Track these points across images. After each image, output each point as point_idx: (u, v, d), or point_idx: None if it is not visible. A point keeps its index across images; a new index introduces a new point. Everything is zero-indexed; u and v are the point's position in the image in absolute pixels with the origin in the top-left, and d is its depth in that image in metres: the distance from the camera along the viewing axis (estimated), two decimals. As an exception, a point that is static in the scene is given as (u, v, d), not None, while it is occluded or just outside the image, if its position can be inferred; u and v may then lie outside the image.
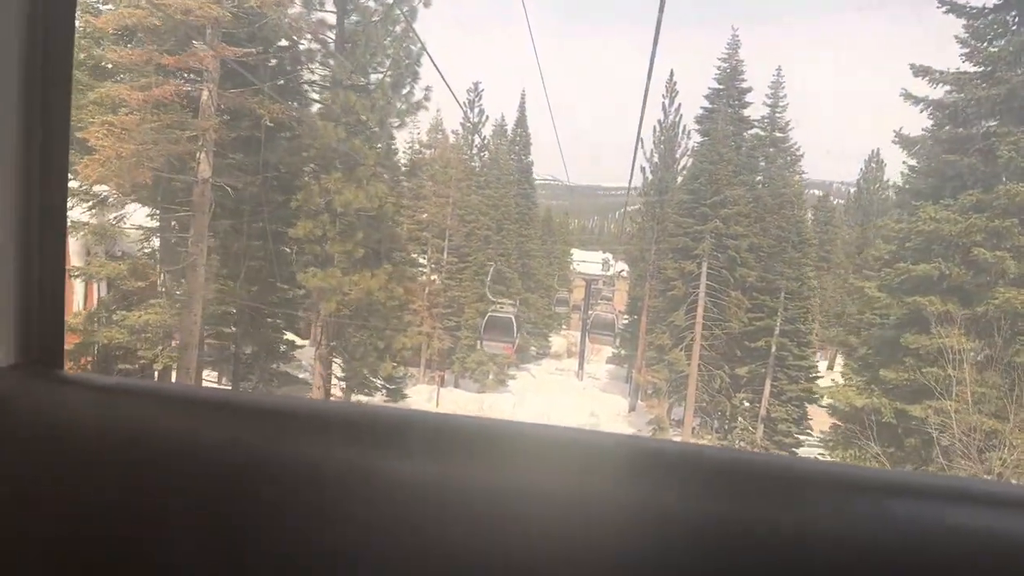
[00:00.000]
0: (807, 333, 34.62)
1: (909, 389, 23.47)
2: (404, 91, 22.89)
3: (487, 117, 52.14)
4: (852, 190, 64.38)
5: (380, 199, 21.59)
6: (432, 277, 44.76)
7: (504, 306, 30.16)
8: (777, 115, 37.56)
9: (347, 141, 20.36)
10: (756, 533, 0.80)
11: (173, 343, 19.26)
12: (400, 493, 0.93)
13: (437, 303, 44.19)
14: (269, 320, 24.22)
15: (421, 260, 44.91)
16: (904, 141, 26.14)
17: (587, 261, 65.95)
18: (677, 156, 46.68)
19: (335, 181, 20.02)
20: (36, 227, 1.25)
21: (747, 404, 35.41)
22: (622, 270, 61.60)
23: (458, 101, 46.87)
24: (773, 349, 34.44)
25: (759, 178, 37.39)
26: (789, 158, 37.77)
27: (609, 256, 62.87)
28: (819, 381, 36.03)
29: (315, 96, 22.72)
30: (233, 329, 24.08)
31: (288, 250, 21.65)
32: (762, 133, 37.59)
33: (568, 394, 48.06)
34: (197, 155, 18.55)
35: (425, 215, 43.64)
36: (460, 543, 0.89)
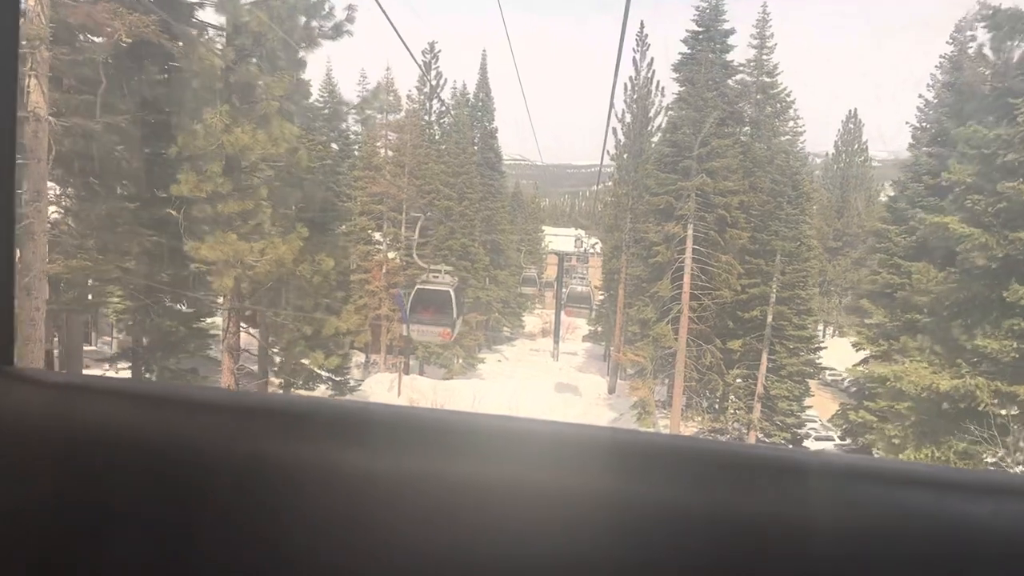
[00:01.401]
0: (807, 299, 29.83)
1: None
2: (323, 10, 17.66)
3: (445, 81, 46.89)
4: (830, 152, 59.92)
5: (288, 143, 16.31)
6: (390, 254, 39.58)
7: (440, 275, 23.54)
8: (764, 57, 32.54)
9: (240, 67, 15.25)
10: (722, 521, 0.79)
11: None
12: (370, 488, 0.90)
13: (396, 283, 39.04)
14: (171, 304, 19.11)
15: (377, 236, 39.78)
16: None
17: (560, 236, 61.39)
18: (651, 115, 41.93)
19: (222, 117, 14.90)
20: None
21: (740, 381, 30.62)
22: (595, 243, 57.05)
23: (411, 54, 41.61)
24: (769, 319, 29.66)
25: (746, 129, 32.41)
26: (779, 105, 32.81)
27: (582, 232, 58.55)
28: (821, 352, 31.40)
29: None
30: (128, 317, 18.98)
31: (174, 213, 16.33)
32: (748, 79, 32.56)
33: (542, 376, 43.39)
34: (26, 82, 13.29)
35: (379, 188, 38.36)
36: (438, 539, 0.87)
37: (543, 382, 40.13)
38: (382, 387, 36.79)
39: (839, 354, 34.54)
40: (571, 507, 0.84)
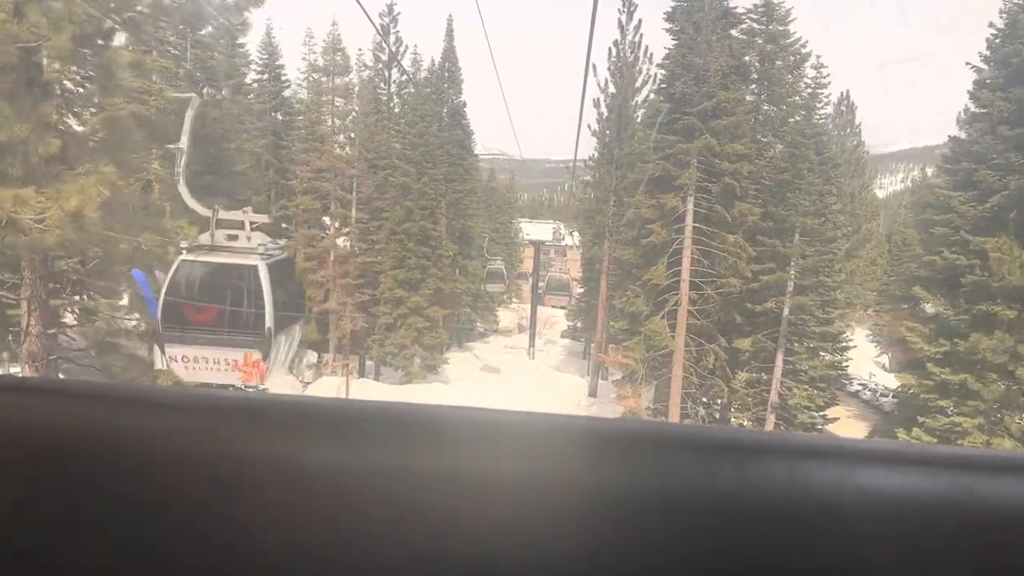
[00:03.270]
0: (832, 288, 23.58)
1: None
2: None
3: (406, 48, 40.33)
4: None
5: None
6: (339, 240, 32.97)
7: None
8: (775, 1, 26.18)
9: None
10: (668, 503, 0.77)
11: None
12: (342, 483, 0.85)
13: (346, 272, 32.50)
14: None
15: (324, 219, 33.18)
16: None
17: (537, 227, 55.31)
18: (638, 86, 35.64)
19: None
20: None
21: (750, 388, 24.33)
22: (572, 232, 50.89)
23: (367, 14, 35.04)
24: (786, 312, 23.41)
25: (753, 87, 26.06)
26: (794, 57, 26.51)
27: (560, 225, 52.50)
28: (849, 353, 25.21)
29: None
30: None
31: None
32: (756, 26, 26.17)
33: (515, 377, 37.18)
34: None
35: (325, 162, 31.74)
36: (411, 533, 0.82)
37: (516, 385, 33.84)
38: (326, 394, 30.22)
39: (857, 357, 28.43)
40: (546, 497, 0.80)
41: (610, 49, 36.09)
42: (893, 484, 0.75)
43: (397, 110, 38.91)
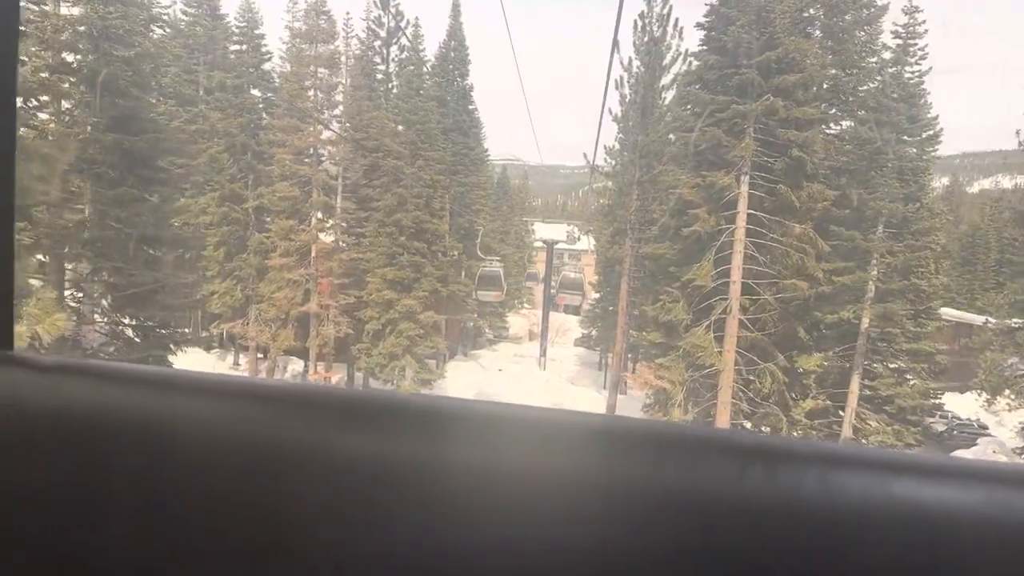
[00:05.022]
0: (930, 295, 17.73)
1: None
2: None
3: (408, 23, 34.64)
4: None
5: None
6: (320, 234, 27.36)
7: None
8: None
9: None
10: (696, 504, 0.77)
11: None
12: (369, 473, 0.87)
13: (329, 270, 26.93)
14: None
15: (316, 213, 27.57)
16: None
17: (549, 227, 49.51)
18: (666, 63, 29.96)
19: None
20: None
21: (815, 420, 18.50)
22: (587, 231, 45.26)
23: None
24: (865, 323, 17.66)
25: (817, 33, 20.09)
26: (868, 11, 20.57)
27: (574, 228, 46.91)
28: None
29: None
30: None
31: None
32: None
33: (522, 392, 31.62)
34: None
35: (305, 141, 26.18)
36: (436, 525, 0.84)
37: (524, 401, 27.97)
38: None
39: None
40: (576, 494, 0.81)
41: (635, 22, 30.49)
42: (927, 496, 0.72)
43: (396, 91, 33.33)
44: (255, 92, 29.73)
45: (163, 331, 14.94)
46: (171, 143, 19.21)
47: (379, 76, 32.94)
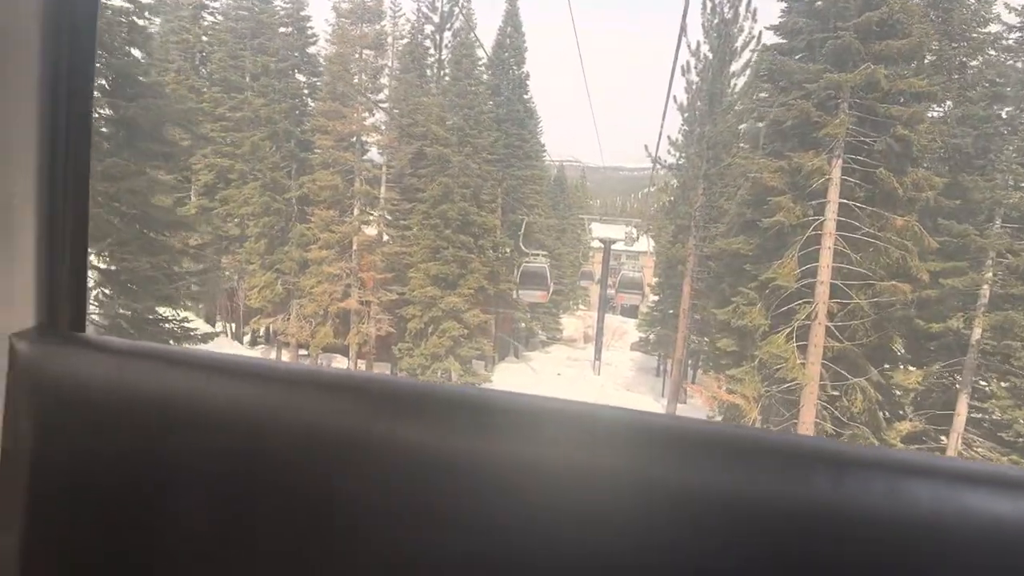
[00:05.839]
0: (1061, 301, 14.72)
1: None
2: None
3: (463, 5, 32.36)
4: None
5: None
6: (358, 224, 25.35)
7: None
8: None
9: None
10: (766, 511, 0.76)
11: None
12: (405, 462, 0.89)
13: (370, 264, 24.96)
14: None
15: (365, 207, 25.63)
16: None
17: (607, 227, 47.17)
18: (737, 46, 27.53)
19: None
20: (60, 200, 1.21)
21: (912, 443, 15.66)
22: (646, 231, 42.69)
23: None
24: (977, 334, 14.77)
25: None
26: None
27: (633, 228, 44.29)
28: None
29: None
30: None
31: None
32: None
33: (575, 398, 28.96)
34: None
35: (348, 127, 24.24)
36: (489, 514, 0.86)
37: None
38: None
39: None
40: (623, 494, 0.81)
41: (704, 2, 27.98)
42: (1002, 509, 0.69)
43: (448, 79, 31.25)
44: (300, 77, 27.96)
45: (166, 325, 13.04)
46: (174, 113, 17.29)
47: (430, 60, 30.88)
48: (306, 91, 27.84)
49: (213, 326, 31.27)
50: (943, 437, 15.68)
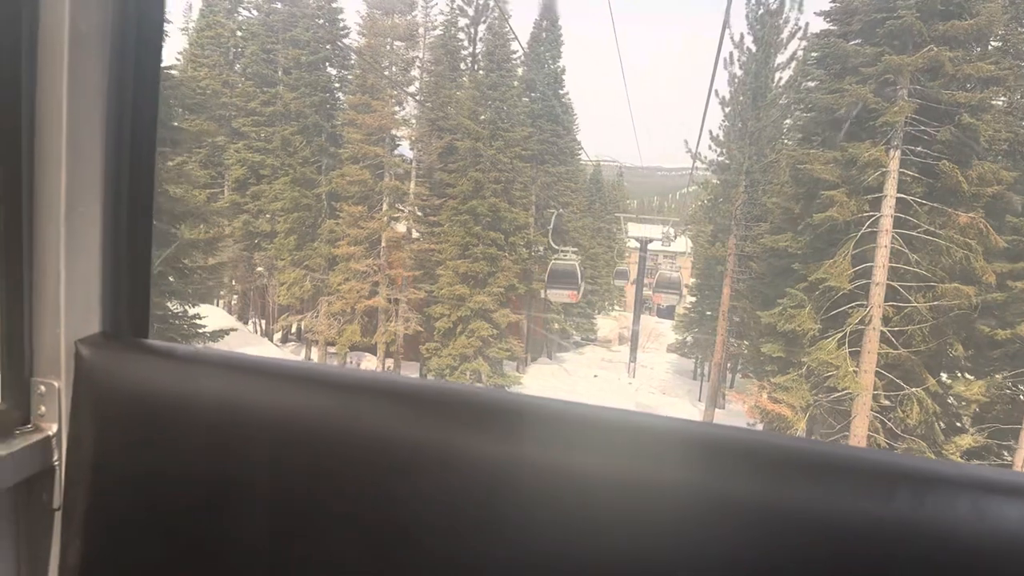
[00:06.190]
0: None
1: None
2: None
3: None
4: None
5: None
6: (387, 219, 24.60)
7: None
8: None
9: None
10: (841, 529, 0.73)
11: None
12: (468, 471, 0.90)
13: (398, 260, 24.20)
14: None
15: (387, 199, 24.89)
16: None
17: (644, 227, 46.15)
18: (783, 37, 26.43)
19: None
20: (125, 210, 1.22)
21: (972, 460, 14.41)
22: (684, 231, 41.58)
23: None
24: (1049, 342, 13.46)
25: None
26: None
27: (671, 228, 43.13)
28: None
29: None
30: None
31: None
32: None
33: (608, 402, 27.95)
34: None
35: (376, 120, 23.50)
36: (526, 520, 0.86)
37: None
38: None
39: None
40: (687, 507, 0.79)
41: (748, -4, 26.94)
42: None
43: (482, 73, 30.36)
44: (331, 70, 27.34)
45: (174, 322, 12.37)
46: (181, 95, 16.64)
47: (463, 53, 30.04)
48: (337, 84, 27.20)
49: (246, 323, 30.99)
50: (1007, 453, 14.38)
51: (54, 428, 1.14)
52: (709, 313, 31.87)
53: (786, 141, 20.63)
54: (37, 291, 1.17)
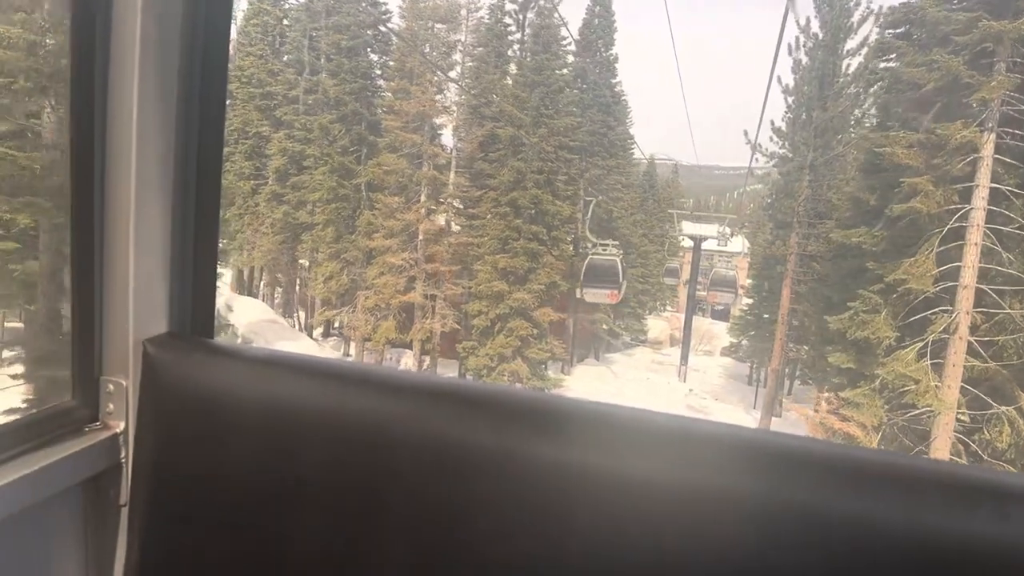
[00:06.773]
0: None
1: None
2: None
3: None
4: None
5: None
6: (424, 210, 23.32)
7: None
8: None
9: None
10: (920, 547, 0.72)
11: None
12: (533, 476, 0.89)
13: (436, 255, 22.97)
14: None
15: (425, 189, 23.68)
16: None
17: (699, 226, 44.26)
18: (853, 22, 24.70)
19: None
20: (192, 213, 1.24)
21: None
22: (740, 228, 39.70)
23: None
24: None
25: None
26: None
27: (726, 228, 41.19)
28: None
29: None
30: None
31: None
32: None
33: (657, 408, 26.33)
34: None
35: (415, 106, 22.26)
36: (582, 527, 0.85)
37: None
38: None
39: None
40: (749, 518, 0.78)
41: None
42: None
43: (529, 59, 28.93)
44: (373, 57, 26.25)
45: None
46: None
47: (510, 39, 28.63)
48: (378, 71, 26.11)
49: (289, 316, 30.30)
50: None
51: (121, 426, 1.16)
52: (767, 316, 30.12)
53: (858, 128, 18.76)
54: (107, 291, 1.18)
